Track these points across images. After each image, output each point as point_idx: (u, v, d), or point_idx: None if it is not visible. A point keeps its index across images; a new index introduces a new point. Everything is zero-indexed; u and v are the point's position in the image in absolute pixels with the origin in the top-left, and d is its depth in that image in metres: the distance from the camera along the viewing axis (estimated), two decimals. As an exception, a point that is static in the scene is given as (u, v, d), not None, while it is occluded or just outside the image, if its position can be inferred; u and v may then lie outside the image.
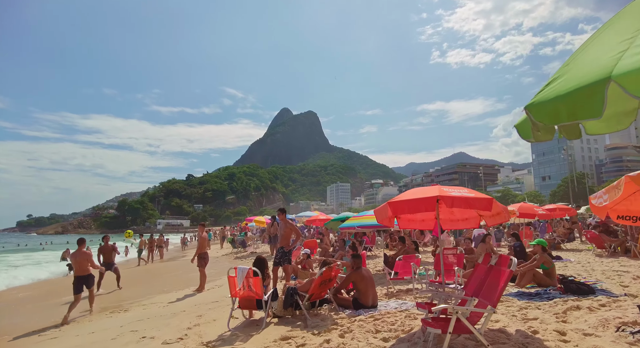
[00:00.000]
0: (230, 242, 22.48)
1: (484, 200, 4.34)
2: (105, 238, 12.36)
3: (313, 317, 5.70)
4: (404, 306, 5.91)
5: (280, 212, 8.60)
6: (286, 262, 8.27)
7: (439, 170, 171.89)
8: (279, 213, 8.60)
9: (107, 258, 11.86)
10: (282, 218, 8.52)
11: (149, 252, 22.83)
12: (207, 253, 10.72)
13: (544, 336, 3.81)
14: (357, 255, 6.20)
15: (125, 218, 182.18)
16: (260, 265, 6.11)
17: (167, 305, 8.49)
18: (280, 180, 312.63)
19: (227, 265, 16.24)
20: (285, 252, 8.28)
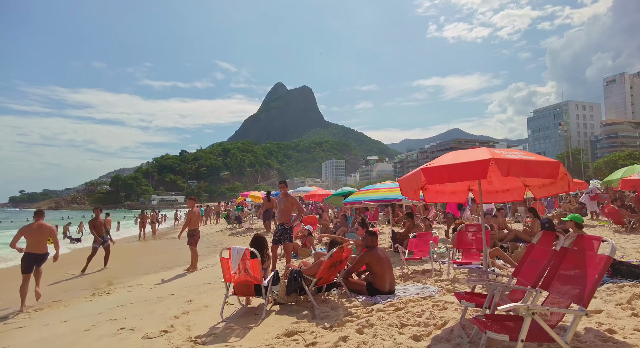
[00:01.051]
0: (225, 217, 21.66)
1: (548, 164, 3.40)
2: (96, 210, 11.29)
3: (321, 304, 4.87)
4: (426, 291, 5.08)
5: (282, 185, 7.67)
6: (287, 240, 7.42)
7: (435, 147, 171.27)
8: (281, 185, 7.68)
9: (99, 232, 10.86)
10: (283, 192, 7.62)
11: (141, 228, 22.04)
12: (197, 230, 9.83)
13: (628, 338, 2.98)
14: (372, 232, 5.32)
15: (119, 194, 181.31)
16: (259, 244, 5.23)
17: (154, 287, 7.67)
18: (275, 156, 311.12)
19: (221, 242, 15.43)
20: (286, 228, 7.41)
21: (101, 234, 10.81)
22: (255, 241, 5.29)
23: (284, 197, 7.59)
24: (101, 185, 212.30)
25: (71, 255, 15.21)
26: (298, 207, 7.63)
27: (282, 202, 7.54)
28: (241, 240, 15.13)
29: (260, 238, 5.36)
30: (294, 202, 7.54)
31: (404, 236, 9.20)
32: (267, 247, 5.54)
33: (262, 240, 5.34)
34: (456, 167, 3.55)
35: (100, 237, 10.73)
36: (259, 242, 5.28)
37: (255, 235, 5.43)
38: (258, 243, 5.26)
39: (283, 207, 7.51)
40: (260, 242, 5.30)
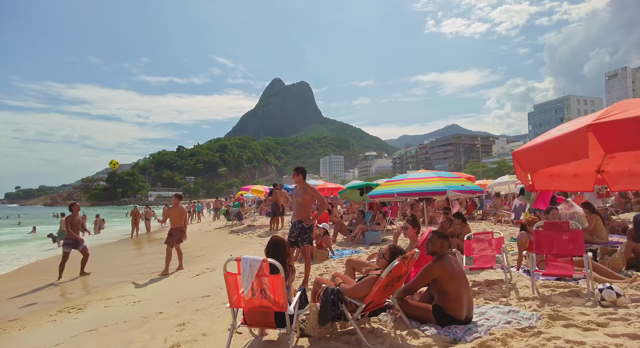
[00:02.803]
0: (225, 214, 20.07)
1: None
2: (73, 206, 9.27)
3: (370, 338, 3.36)
4: (520, 318, 3.56)
5: (298, 173, 6.09)
6: (306, 242, 5.87)
7: (434, 142, 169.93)
8: (296, 174, 6.08)
9: (75, 232, 9.02)
10: (299, 182, 6.06)
11: (133, 226, 20.47)
12: (179, 230, 8.66)
13: None
14: (443, 234, 3.79)
15: (116, 190, 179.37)
16: (279, 251, 3.69)
17: (138, 302, 6.11)
18: (273, 152, 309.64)
19: (220, 241, 13.86)
20: (304, 227, 5.86)
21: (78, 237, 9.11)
22: (274, 247, 3.74)
23: (301, 188, 6.03)
24: (97, 182, 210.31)
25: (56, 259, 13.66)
26: (320, 200, 6.08)
27: (300, 193, 5.99)
28: (243, 238, 13.59)
29: (280, 243, 3.81)
30: (314, 194, 5.98)
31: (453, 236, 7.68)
32: (291, 256, 4.01)
33: (282, 246, 3.80)
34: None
35: (75, 240, 9.04)
36: (279, 248, 3.74)
37: (273, 239, 3.87)
38: (277, 249, 3.72)
39: (301, 200, 5.95)
40: (280, 248, 3.76)
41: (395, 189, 7.03)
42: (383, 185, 8.25)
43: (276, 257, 3.54)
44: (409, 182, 7.19)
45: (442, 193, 6.64)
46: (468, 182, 7.40)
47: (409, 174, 7.88)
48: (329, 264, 7.53)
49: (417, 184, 7.05)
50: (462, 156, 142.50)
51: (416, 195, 6.99)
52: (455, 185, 6.91)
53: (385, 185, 7.87)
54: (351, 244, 10.03)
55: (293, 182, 6.67)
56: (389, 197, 7.86)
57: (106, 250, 14.88)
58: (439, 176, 7.41)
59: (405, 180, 7.27)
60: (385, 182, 8.34)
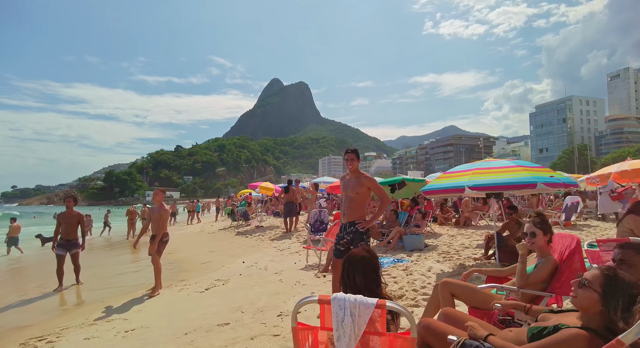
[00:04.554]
0: (229, 213, 18.47)
1: None
2: (67, 201, 7.54)
3: None
4: None
5: (355, 156, 4.44)
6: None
7: (434, 142, 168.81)
8: (355, 157, 4.44)
9: (68, 232, 7.41)
10: (353, 168, 4.45)
11: (129, 226, 18.86)
12: (167, 234, 6.62)
13: None
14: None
15: (113, 190, 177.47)
16: (368, 274, 2.13)
17: (131, 331, 4.50)
18: (272, 152, 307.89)
19: (227, 244, 12.22)
20: (360, 232, 4.27)
21: (73, 238, 7.51)
22: (362, 264, 2.17)
23: (353, 178, 4.43)
24: (95, 181, 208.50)
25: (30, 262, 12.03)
26: (381, 194, 4.48)
27: (352, 185, 4.39)
28: (253, 241, 11.98)
29: (368, 261, 2.22)
30: (372, 185, 4.37)
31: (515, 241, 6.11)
32: (382, 281, 2.39)
33: (372, 264, 2.21)
34: None
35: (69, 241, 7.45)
36: (368, 266, 2.17)
37: (352, 256, 2.27)
38: (366, 269, 2.15)
39: (353, 194, 4.36)
40: (369, 266, 2.19)
41: (465, 181, 5.47)
42: (442, 178, 6.65)
43: (369, 288, 1.99)
44: (482, 173, 5.62)
45: (530, 186, 5.09)
46: (557, 173, 5.85)
47: (477, 163, 6.27)
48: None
49: (495, 175, 5.50)
50: (462, 157, 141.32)
51: (497, 189, 5.45)
52: (544, 177, 5.36)
53: (448, 178, 6.30)
54: (387, 250, 8.47)
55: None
56: (453, 192, 6.29)
57: (96, 255, 13.25)
58: (520, 165, 5.84)
59: (475, 171, 5.70)
60: (445, 174, 6.76)
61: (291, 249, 9.83)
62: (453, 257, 7.29)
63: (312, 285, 5.90)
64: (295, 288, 5.81)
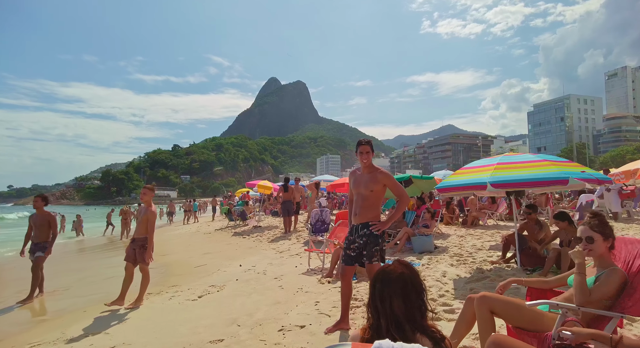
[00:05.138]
0: (226, 213, 17.88)
1: None
2: (35, 200, 6.67)
3: None
4: None
5: (364, 147, 3.88)
6: (376, 259, 3.73)
7: (432, 142, 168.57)
8: (369, 149, 3.86)
9: (37, 234, 6.56)
10: (366, 162, 3.88)
11: (124, 227, 18.28)
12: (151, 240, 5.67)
13: None
14: None
15: (110, 189, 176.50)
16: (411, 297, 1.57)
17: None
18: (269, 151, 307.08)
19: (223, 245, 11.64)
20: (374, 235, 3.71)
21: (44, 240, 6.63)
22: (402, 285, 1.61)
23: (367, 173, 3.87)
24: (91, 181, 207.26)
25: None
26: (399, 191, 3.90)
27: (365, 181, 3.82)
28: (251, 242, 11.41)
29: (409, 281, 1.66)
30: (388, 182, 3.80)
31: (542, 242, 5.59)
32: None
33: (415, 285, 1.66)
34: None
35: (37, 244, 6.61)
36: (410, 288, 1.62)
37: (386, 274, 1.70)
38: (407, 291, 1.60)
39: (366, 191, 3.79)
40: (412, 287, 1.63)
41: (487, 178, 4.91)
42: (460, 174, 6.07)
43: (411, 318, 1.45)
44: (505, 168, 5.06)
45: (561, 182, 4.53)
46: (588, 169, 5.30)
47: (498, 158, 5.68)
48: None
49: (520, 171, 4.93)
50: (460, 156, 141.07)
51: (524, 185, 4.91)
52: (575, 172, 4.80)
53: (467, 174, 5.72)
54: (394, 252, 7.93)
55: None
56: (473, 189, 5.70)
57: (86, 257, 12.66)
58: (545, 159, 5.27)
59: (497, 166, 5.12)
60: (463, 170, 6.18)
61: (291, 251, 9.27)
62: (467, 260, 6.75)
63: (315, 293, 5.34)
64: (297, 297, 5.25)
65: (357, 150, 3.92)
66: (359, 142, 3.90)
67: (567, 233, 5.26)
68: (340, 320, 3.81)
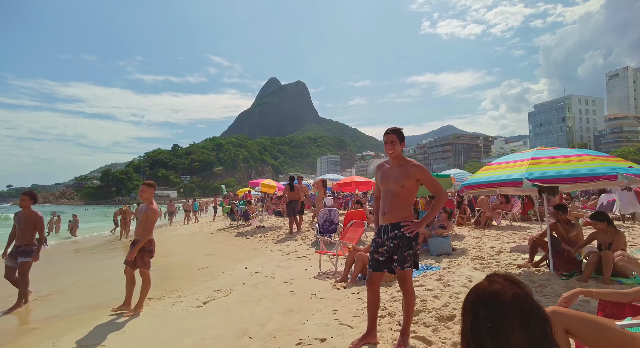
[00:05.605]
0: (228, 212, 17.44)
1: None
2: (22, 199, 5.92)
3: None
4: None
5: (393, 137, 3.43)
6: (409, 265, 3.28)
7: (432, 142, 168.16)
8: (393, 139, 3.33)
9: (21, 236, 5.80)
10: (396, 153, 3.41)
11: (123, 227, 17.83)
12: (153, 240, 5.30)
13: None
14: None
15: (110, 189, 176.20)
16: (536, 320, 1.11)
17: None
18: (269, 151, 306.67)
19: (227, 246, 11.18)
20: (406, 237, 3.24)
21: (29, 243, 5.84)
22: (520, 310, 1.16)
23: (396, 167, 3.41)
24: (91, 180, 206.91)
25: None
26: (436, 188, 3.42)
27: (394, 176, 3.35)
28: (255, 243, 10.96)
29: (527, 303, 1.19)
30: (423, 176, 3.35)
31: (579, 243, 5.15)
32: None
33: (535, 309, 1.19)
34: None
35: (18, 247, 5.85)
36: (530, 313, 1.16)
37: (496, 295, 1.20)
38: (526, 317, 1.15)
39: (396, 187, 3.34)
40: (532, 312, 1.17)
41: (523, 173, 4.46)
42: (488, 170, 5.59)
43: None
44: (542, 163, 4.61)
45: (610, 178, 4.07)
46: (635, 165, 4.84)
47: (530, 152, 5.16)
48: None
49: (561, 166, 4.48)
50: (461, 156, 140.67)
51: (568, 181, 4.45)
52: (622, 167, 4.36)
53: (497, 169, 5.26)
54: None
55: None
56: (506, 186, 5.20)
57: (84, 258, 12.22)
58: (586, 153, 4.82)
59: (532, 161, 4.66)
60: (492, 166, 5.70)
61: (298, 253, 8.82)
62: (490, 263, 6.30)
63: (331, 300, 4.89)
64: (312, 304, 4.81)
65: (384, 142, 3.48)
66: (385, 132, 3.46)
67: (606, 235, 4.82)
68: (367, 333, 3.37)
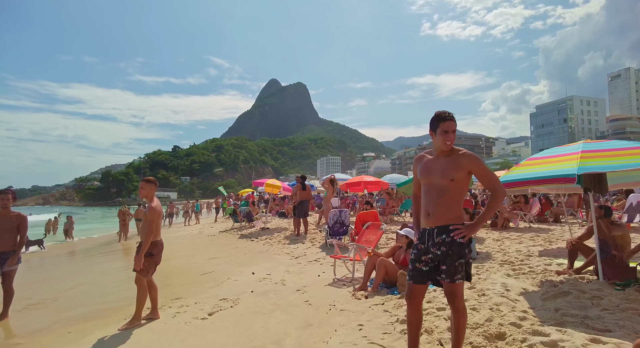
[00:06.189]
0: (231, 214, 16.86)
1: None
2: (6, 197, 5.23)
3: None
4: None
5: (453, 125, 2.79)
6: (460, 276, 2.72)
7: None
8: (454, 127, 2.74)
9: (6, 241, 5.12)
10: (448, 152, 2.83)
11: (122, 229, 17.25)
12: (160, 244, 4.71)
13: None
14: None
15: (110, 190, 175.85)
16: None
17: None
18: (270, 153, 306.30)
19: (231, 249, 10.61)
20: (457, 243, 2.69)
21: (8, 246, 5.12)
22: None
23: (443, 157, 2.82)
24: (91, 182, 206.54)
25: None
26: (493, 183, 2.82)
27: (440, 168, 2.78)
28: (260, 246, 10.40)
29: None
30: (476, 168, 2.77)
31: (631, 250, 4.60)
32: None
33: None
34: None
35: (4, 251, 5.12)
36: None
37: None
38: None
39: (443, 180, 2.73)
40: None
41: (575, 168, 3.90)
42: (529, 165, 4.98)
43: None
44: (596, 157, 4.03)
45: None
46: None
47: (579, 145, 4.56)
48: (437, 300, 4.37)
49: (618, 159, 3.91)
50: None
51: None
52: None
53: (538, 165, 4.68)
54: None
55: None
56: (557, 183, 4.60)
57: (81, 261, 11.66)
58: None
59: (582, 154, 4.08)
60: (533, 161, 5.10)
61: (308, 256, 8.27)
62: (522, 268, 5.75)
63: (354, 312, 4.34)
64: (332, 317, 4.25)
65: (435, 128, 2.84)
66: (440, 117, 2.82)
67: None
68: (409, 357, 2.81)
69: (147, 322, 4.59)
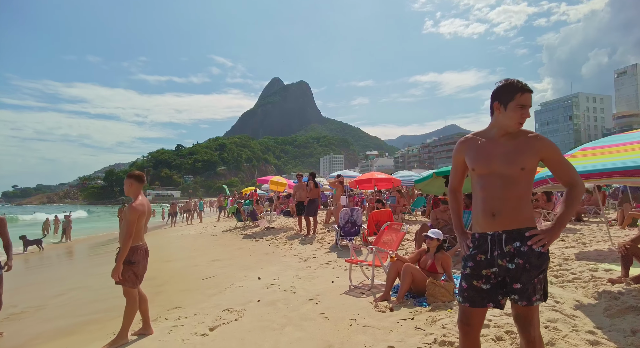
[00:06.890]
0: (234, 212, 16.23)
1: None
2: None
3: None
4: None
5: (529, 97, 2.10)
6: (538, 297, 2.11)
7: (437, 141, 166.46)
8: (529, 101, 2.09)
9: None
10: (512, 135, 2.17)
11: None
12: (143, 250, 4.00)
13: None
14: None
15: (113, 189, 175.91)
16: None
17: None
18: (272, 151, 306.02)
19: (234, 249, 9.97)
20: (537, 254, 2.07)
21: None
22: None
23: (507, 140, 2.16)
24: (95, 180, 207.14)
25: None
26: (570, 176, 2.14)
27: (504, 154, 2.12)
28: (266, 246, 9.75)
29: None
30: (551, 154, 2.08)
31: None
32: None
33: None
34: None
35: None
36: None
37: None
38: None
39: (511, 169, 2.08)
40: None
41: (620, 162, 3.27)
42: (586, 156, 4.30)
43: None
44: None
45: None
46: None
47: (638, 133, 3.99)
48: (493, 324, 3.69)
49: None
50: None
51: None
52: None
53: (599, 155, 4.04)
54: (455, 263, 6.25)
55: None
56: (625, 176, 3.98)
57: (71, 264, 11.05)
58: None
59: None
60: (587, 151, 4.46)
61: (318, 259, 7.62)
62: (565, 275, 5.07)
63: (380, 329, 3.68)
64: (354, 335, 3.59)
65: (507, 100, 2.14)
66: (518, 87, 2.12)
67: None
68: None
69: (138, 338, 3.96)
